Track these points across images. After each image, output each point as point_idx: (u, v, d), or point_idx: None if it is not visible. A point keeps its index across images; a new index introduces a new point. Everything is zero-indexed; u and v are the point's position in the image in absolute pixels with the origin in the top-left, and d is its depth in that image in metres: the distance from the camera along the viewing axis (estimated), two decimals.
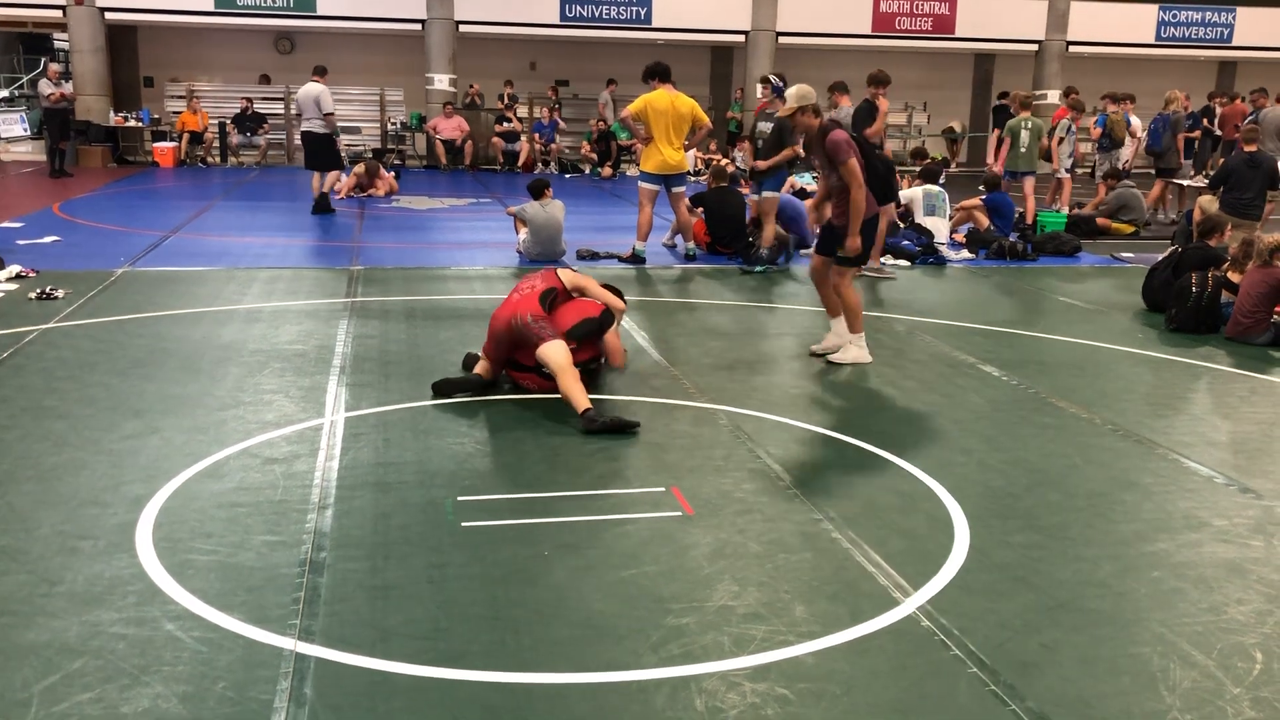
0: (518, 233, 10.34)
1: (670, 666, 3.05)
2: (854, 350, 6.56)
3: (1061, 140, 13.85)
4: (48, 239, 10.50)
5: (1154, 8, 23.65)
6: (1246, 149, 10.95)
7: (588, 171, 20.55)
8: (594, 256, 10.35)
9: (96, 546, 3.72)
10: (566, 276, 5.94)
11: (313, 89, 12.86)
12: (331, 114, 13.07)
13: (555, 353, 5.38)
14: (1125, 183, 13.84)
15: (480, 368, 5.78)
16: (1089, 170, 16.87)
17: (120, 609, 3.29)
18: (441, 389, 5.62)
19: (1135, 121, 15.57)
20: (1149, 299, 8.68)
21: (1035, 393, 6.09)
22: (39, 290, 7.80)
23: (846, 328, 6.62)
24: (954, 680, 3.04)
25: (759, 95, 12.51)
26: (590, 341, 5.80)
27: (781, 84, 10.07)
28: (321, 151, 13.06)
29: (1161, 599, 3.59)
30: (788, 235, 10.46)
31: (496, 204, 14.72)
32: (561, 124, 21.34)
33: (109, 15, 19.56)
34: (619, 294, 6.06)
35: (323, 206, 13.06)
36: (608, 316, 5.83)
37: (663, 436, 5.15)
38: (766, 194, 9.99)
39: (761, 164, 9.93)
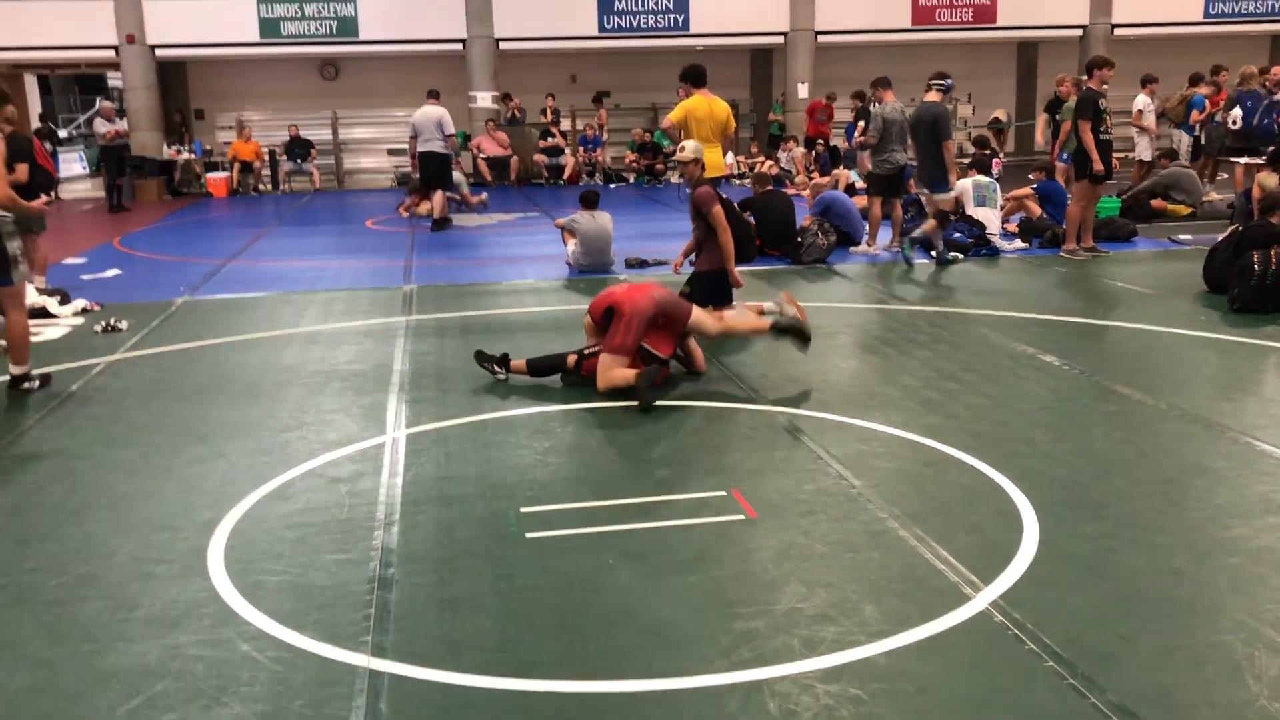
0: (566, 244, 10.39)
1: (741, 670, 3.04)
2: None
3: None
4: (110, 272, 10.75)
5: None
6: None
7: (632, 180, 20.60)
8: (642, 264, 10.36)
9: (171, 571, 3.79)
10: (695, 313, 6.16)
11: (433, 111, 13.21)
12: (453, 135, 13.75)
13: (706, 317, 6.14)
14: (1178, 162, 13.55)
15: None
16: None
17: (197, 631, 3.35)
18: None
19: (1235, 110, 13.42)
20: (1210, 280, 8.49)
21: (1097, 380, 5.99)
22: (103, 323, 7.98)
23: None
24: (1030, 675, 2.99)
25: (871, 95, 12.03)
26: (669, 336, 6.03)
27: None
28: (443, 171, 13.34)
29: (1241, 586, 3.50)
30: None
31: (544, 218, 14.80)
32: (604, 136, 21.42)
33: (159, 52, 20.01)
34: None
35: (443, 224, 13.51)
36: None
37: (721, 439, 5.14)
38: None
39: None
